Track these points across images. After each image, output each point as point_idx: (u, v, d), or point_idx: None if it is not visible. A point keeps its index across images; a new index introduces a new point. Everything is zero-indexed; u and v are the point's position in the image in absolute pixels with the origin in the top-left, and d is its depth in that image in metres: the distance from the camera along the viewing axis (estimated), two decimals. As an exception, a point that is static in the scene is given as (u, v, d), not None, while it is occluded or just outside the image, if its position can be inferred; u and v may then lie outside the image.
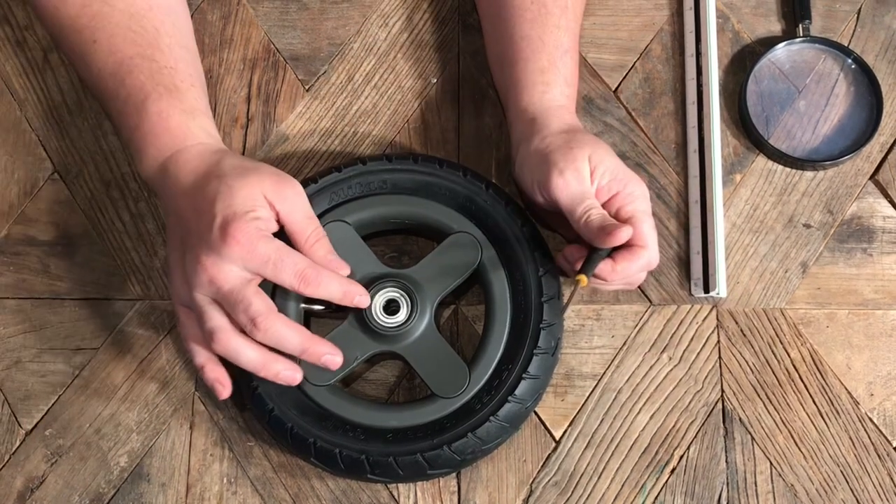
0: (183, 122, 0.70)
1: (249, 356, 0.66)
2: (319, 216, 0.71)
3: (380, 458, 0.69)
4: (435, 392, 0.70)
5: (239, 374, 0.70)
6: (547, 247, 0.73)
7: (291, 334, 0.66)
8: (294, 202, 0.68)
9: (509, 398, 0.70)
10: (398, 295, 0.71)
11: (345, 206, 0.73)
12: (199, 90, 0.74)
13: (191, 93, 0.72)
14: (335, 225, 0.72)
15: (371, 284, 0.71)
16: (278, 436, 0.71)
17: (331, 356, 0.67)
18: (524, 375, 0.70)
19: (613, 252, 0.68)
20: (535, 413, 0.74)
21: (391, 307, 0.71)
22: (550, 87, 0.74)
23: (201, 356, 0.69)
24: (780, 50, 0.81)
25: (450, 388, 0.70)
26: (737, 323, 0.76)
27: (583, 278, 0.66)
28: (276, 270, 0.65)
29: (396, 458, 0.69)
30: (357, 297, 0.68)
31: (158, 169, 0.70)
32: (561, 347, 0.73)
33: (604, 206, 0.69)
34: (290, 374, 0.67)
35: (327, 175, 0.74)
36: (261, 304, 0.65)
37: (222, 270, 0.65)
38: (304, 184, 0.72)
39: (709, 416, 0.74)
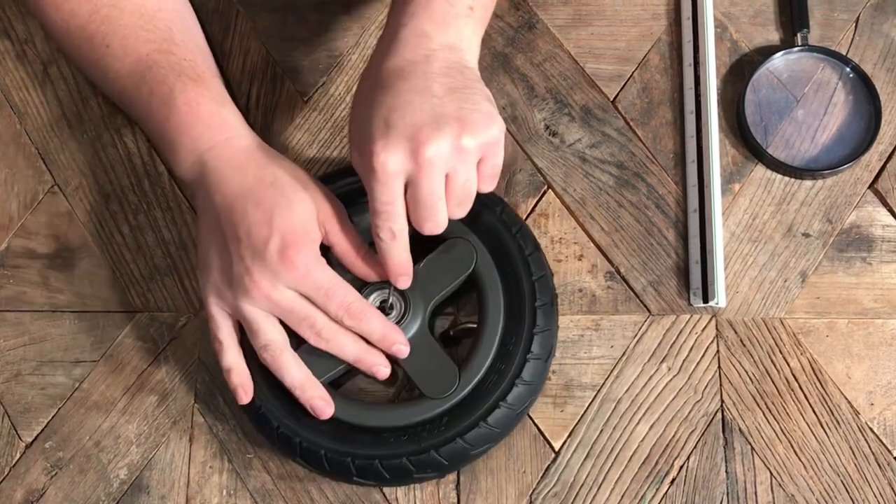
0: (215, 111, 0.69)
1: (294, 375, 0.68)
2: None
3: (365, 461, 0.69)
4: (424, 393, 0.70)
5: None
6: (541, 252, 0.73)
7: (351, 343, 0.69)
8: (343, 226, 0.69)
9: (500, 403, 0.70)
10: (391, 296, 0.71)
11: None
12: (221, 82, 0.73)
13: (215, 81, 0.71)
14: None
15: (365, 286, 0.71)
16: (266, 434, 0.72)
17: (383, 368, 0.69)
18: (517, 382, 0.70)
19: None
20: (535, 424, 0.74)
21: (384, 308, 0.71)
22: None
23: (229, 359, 0.69)
24: (779, 59, 0.81)
25: (439, 389, 0.70)
26: (736, 332, 0.75)
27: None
28: (327, 299, 0.67)
29: (382, 460, 0.69)
30: (397, 344, 0.69)
31: (196, 162, 0.69)
32: (554, 353, 0.73)
33: None
34: (322, 406, 0.69)
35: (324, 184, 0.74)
36: (323, 318, 0.68)
37: (277, 290, 0.66)
38: None
39: (708, 426, 0.74)
